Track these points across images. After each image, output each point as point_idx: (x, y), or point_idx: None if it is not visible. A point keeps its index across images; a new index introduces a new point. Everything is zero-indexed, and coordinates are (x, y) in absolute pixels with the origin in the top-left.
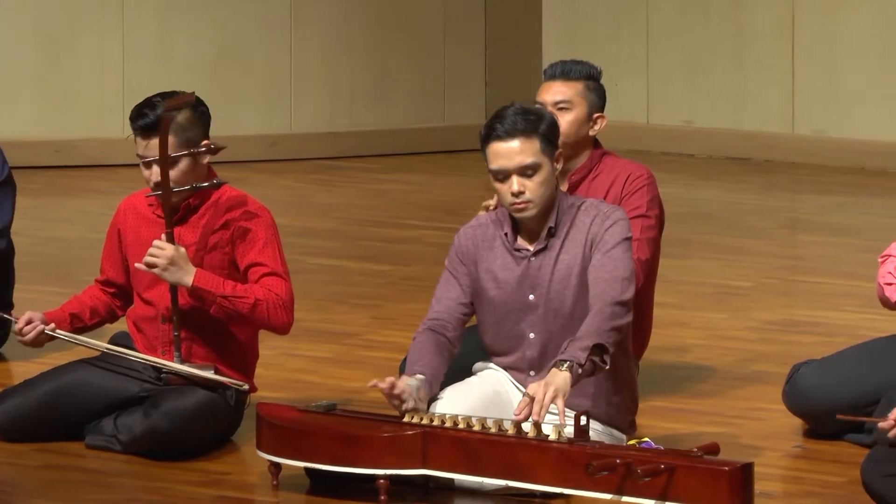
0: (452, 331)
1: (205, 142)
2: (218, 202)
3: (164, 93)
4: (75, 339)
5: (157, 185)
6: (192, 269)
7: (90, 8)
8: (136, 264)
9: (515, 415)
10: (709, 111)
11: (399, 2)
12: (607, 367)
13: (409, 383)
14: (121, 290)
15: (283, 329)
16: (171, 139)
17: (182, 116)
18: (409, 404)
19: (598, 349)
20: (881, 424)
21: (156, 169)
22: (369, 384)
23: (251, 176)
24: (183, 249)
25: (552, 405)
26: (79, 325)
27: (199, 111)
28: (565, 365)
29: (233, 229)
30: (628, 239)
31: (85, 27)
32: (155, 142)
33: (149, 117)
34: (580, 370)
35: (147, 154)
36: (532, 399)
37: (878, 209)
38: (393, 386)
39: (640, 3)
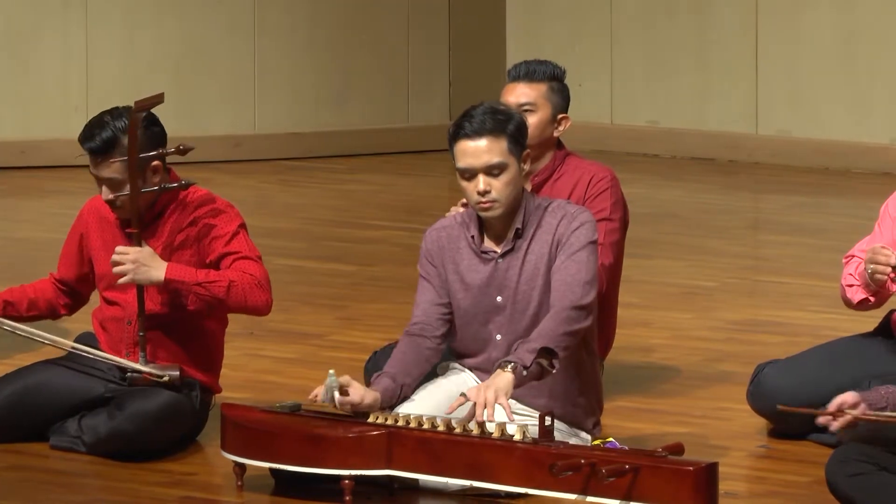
0: (433, 332)
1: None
2: (185, 202)
3: (115, 109)
4: (22, 329)
5: (118, 198)
6: (163, 264)
7: (54, 7)
8: (120, 280)
9: (447, 412)
10: (672, 111)
11: (363, 2)
12: (554, 371)
13: (327, 387)
14: (72, 291)
15: (262, 309)
16: (117, 164)
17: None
18: (348, 409)
19: (546, 353)
20: (819, 420)
21: (105, 188)
22: (310, 396)
23: (215, 176)
24: (148, 248)
25: (498, 405)
26: (12, 312)
27: (151, 131)
28: (509, 366)
29: (199, 227)
30: (594, 242)
31: (49, 27)
32: (105, 164)
33: (95, 141)
34: (525, 372)
35: (99, 174)
36: (467, 398)
37: (842, 209)
38: (316, 397)
39: (604, 3)
